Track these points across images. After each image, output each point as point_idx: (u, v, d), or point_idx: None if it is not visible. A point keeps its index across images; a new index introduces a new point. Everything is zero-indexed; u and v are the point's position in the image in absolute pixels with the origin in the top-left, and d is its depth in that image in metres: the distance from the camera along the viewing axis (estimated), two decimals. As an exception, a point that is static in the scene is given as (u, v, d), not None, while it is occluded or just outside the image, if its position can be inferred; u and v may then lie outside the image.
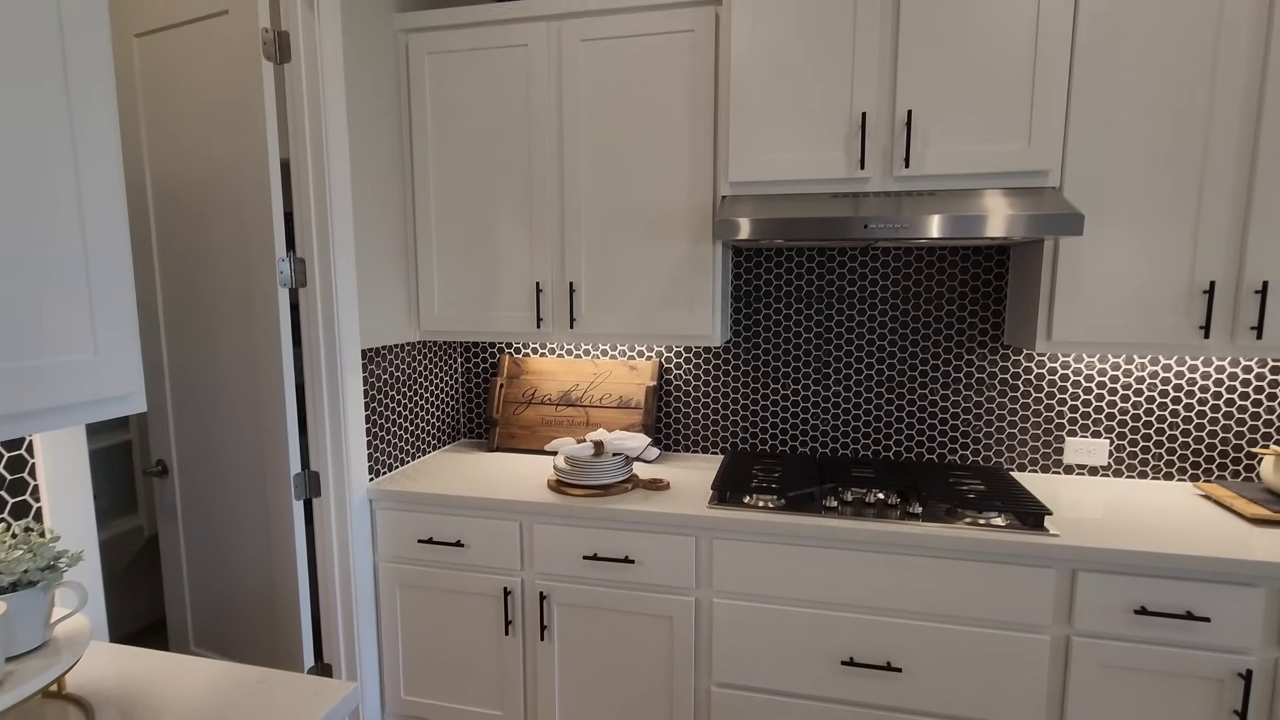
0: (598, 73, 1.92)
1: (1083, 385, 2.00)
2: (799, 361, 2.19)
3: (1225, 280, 1.62)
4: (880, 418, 2.15)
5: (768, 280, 2.18)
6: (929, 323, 2.08)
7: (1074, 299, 1.70)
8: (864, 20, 1.67)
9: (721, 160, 1.83)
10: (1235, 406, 1.92)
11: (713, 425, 2.29)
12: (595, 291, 2.01)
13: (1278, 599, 1.45)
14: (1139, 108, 1.61)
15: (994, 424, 2.08)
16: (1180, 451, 1.96)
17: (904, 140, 1.67)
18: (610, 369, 2.32)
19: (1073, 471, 2.04)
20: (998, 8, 1.60)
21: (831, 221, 1.61)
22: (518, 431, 2.34)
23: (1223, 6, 1.55)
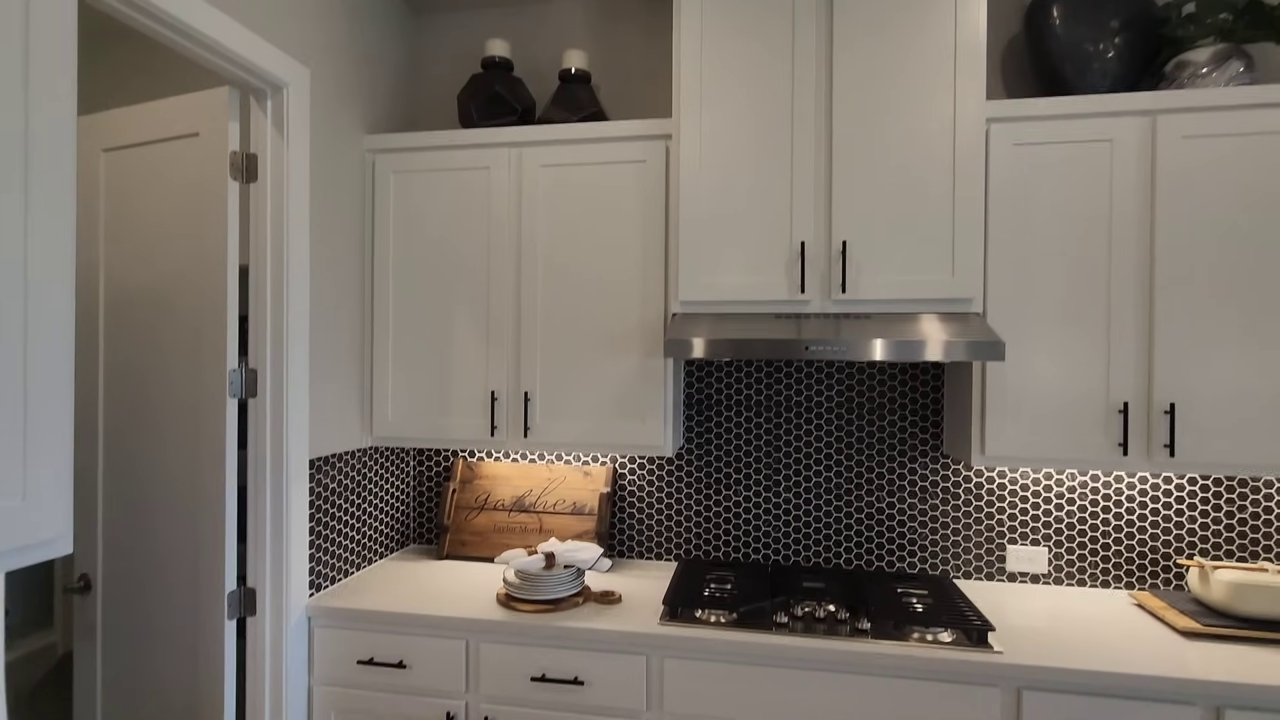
0: (556, 195, 2.03)
1: (1020, 495, 2.08)
2: (750, 469, 2.23)
3: (1136, 401, 1.74)
4: (829, 525, 2.19)
5: (719, 389, 2.25)
6: (873, 432, 2.16)
7: (1002, 416, 1.80)
8: (800, 159, 1.82)
9: (672, 279, 1.93)
10: (1161, 517, 2.01)
11: (666, 532, 2.29)
12: (550, 401, 2.04)
13: (1213, 717, 1.49)
14: (1050, 245, 1.78)
15: (938, 531, 2.13)
16: (1114, 560, 2.04)
17: (840, 268, 1.79)
18: (565, 474, 2.32)
19: (1015, 579, 2.09)
20: (918, 156, 1.77)
21: (775, 343, 1.70)
22: (469, 539, 2.30)
23: (1112, 171, 1.74)
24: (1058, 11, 1.86)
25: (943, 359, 1.63)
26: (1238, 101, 1.68)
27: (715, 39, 1.87)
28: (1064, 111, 1.76)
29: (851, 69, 1.79)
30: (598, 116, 2.12)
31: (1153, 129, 1.73)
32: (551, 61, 2.37)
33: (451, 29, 2.44)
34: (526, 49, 2.38)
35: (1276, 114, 1.68)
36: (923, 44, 1.77)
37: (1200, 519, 1.99)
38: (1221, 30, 1.75)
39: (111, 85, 2.52)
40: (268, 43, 1.69)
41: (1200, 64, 1.76)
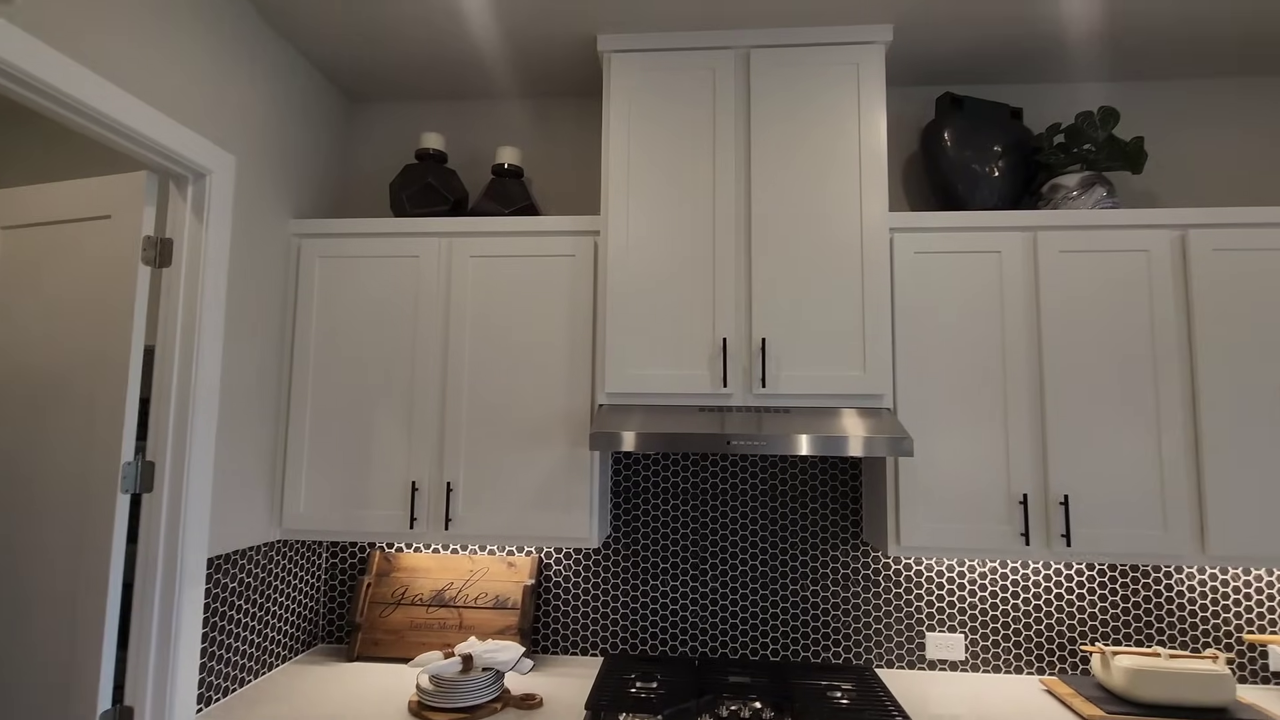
0: (485, 286, 2.05)
1: (937, 581, 2.15)
2: (677, 559, 2.22)
3: (1035, 492, 1.85)
4: (756, 615, 2.18)
5: (646, 479, 2.25)
6: (797, 520, 2.20)
7: (914, 506, 1.87)
8: (722, 259, 1.91)
9: (599, 371, 1.95)
10: (1065, 602, 2.11)
11: (592, 625, 2.23)
12: (474, 491, 1.99)
13: (1119, 809, 1.52)
14: (952, 345, 1.91)
15: (861, 620, 2.15)
16: (1026, 645, 2.10)
17: (760, 363, 1.87)
18: (488, 565, 2.24)
19: (935, 667, 2.12)
20: (831, 259, 1.89)
21: (698, 437, 1.73)
22: (382, 637, 2.16)
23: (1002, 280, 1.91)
24: (949, 135, 2.07)
25: (856, 454, 1.70)
26: (1102, 222, 1.89)
27: (642, 142, 1.97)
28: (957, 225, 1.93)
29: (768, 179, 1.93)
30: (529, 211, 2.18)
31: (1034, 243, 1.92)
32: (486, 155, 2.44)
33: (388, 119, 2.49)
34: (461, 142, 2.45)
35: (1134, 234, 1.89)
36: (832, 158, 1.92)
37: (1101, 604, 2.10)
38: (1086, 159, 1.99)
39: (21, 160, 2.43)
40: (191, 130, 1.68)
41: (1071, 188, 1.98)
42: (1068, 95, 2.28)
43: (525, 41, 2.08)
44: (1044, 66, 2.17)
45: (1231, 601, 2.07)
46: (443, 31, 2.03)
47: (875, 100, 1.92)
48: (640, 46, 2.00)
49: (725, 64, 1.97)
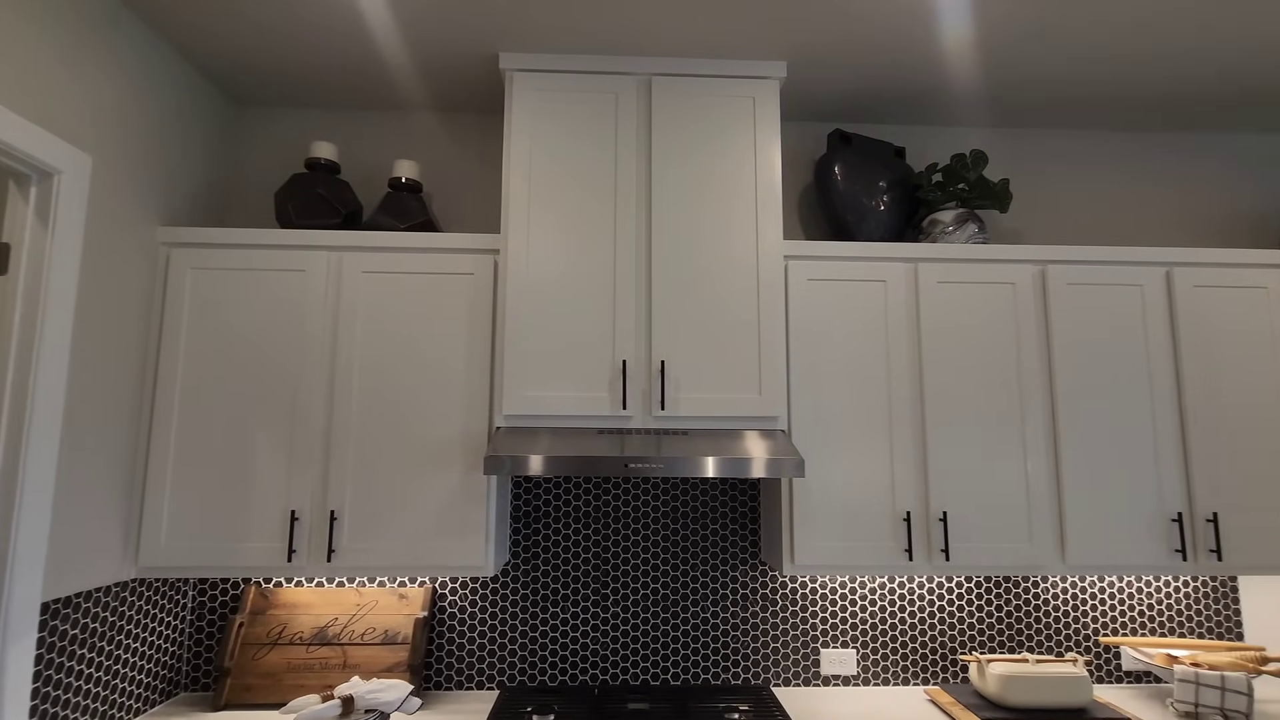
0: (378, 303, 1.96)
1: (830, 599, 2.21)
2: (577, 584, 2.18)
3: (917, 510, 1.95)
4: (656, 639, 2.17)
5: (545, 503, 2.21)
6: (697, 542, 2.21)
7: (808, 526, 1.92)
8: (623, 281, 1.92)
9: (497, 393, 1.90)
10: (946, 614, 2.22)
11: (488, 658, 2.14)
12: (361, 520, 1.88)
13: (992, 813, 1.60)
14: (841, 369, 1.99)
15: (759, 640, 2.18)
16: (912, 657, 2.19)
17: (659, 386, 1.87)
18: (376, 598, 2.12)
19: (829, 683, 2.17)
20: (728, 284, 1.93)
21: (596, 460, 1.71)
22: (255, 682, 1.99)
23: (887, 308, 2.01)
24: (839, 170, 2.18)
25: (751, 475, 1.73)
26: (974, 256, 2.04)
27: (544, 163, 1.96)
28: (847, 254, 2.03)
29: (669, 204, 1.95)
30: (427, 227, 2.11)
31: (915, 274, 2.04)
32: (382, 168, 2.35)
33: (276, 125, 2.35)
34: (356, 154, 2.35)
35: (1001, 268, 2.05)
36: (731, 186, 1.97)
37: (977, 614, 2.22)
38: (960, 197, 2.14)
39: None
40: (36, 126, 1.52)
41: (947, 223, 2.12)
42: (946, 137, 2.46)
43: (426, 54, 2.02)
44: (925, 110, 2.33)
45: (1089, 607, 2.24)
46: (338, 38, 1.95)
47: (770, 133, 2.00)
48: (542, 67, 1.99)
49: (628, 89, 2.00)
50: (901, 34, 1.90)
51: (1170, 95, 2.23)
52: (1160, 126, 2.46)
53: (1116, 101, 2.28)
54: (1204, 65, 2.06)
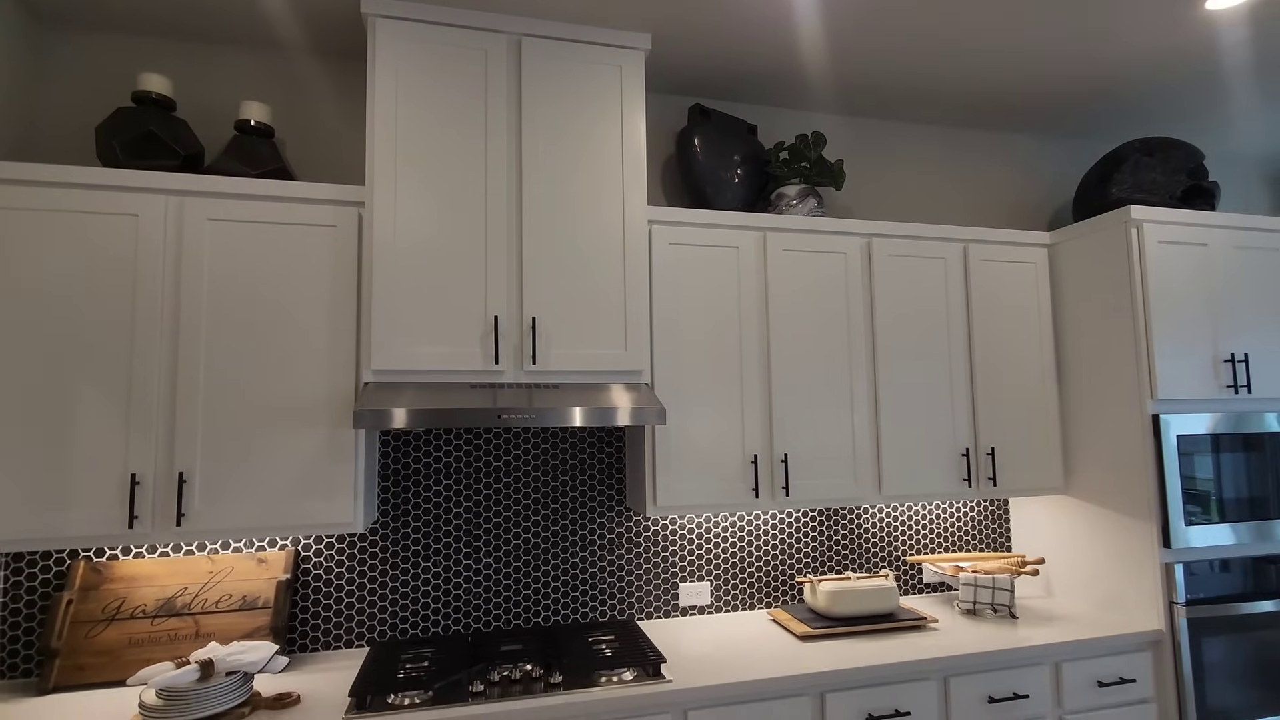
0: (227, 254, 1.84)
1: (688, 538, 2.42)
2: (449, 538, 2.22)
3: (763, 453, 2.19)
4: (528, 586, 2.27)
5: (415, 460, 2.21)
6: (565, 491, 2.33)
7: (668, 470, 2.10)
8: (494, 239, 1.95)
9: (364, 349, 1.88)
10: (786, 544, 2.52)
11: (357, 616, 2.13)
12: (214, 482, 1.79)
13: (818, 704, 1.88)
14: (698, 327, 2.17)
15: (624, 579, 2.35)
16: (757, 584, 2.47)
17: (531, 341, 1.94)
18: (232, 564, 2.03)
19: (687, 613, 2.40)
20: (595, 245, 2.03)
21: (469, 412, 1.76)
22: (90, 661, 1.85)
23: (739, 272, 2.21)
24: (699, 142, 2.34)
25: (617, 424, 1.86)
26: (813, 228, 2.29)
27: (411, 115, 1.93)
28: (704, 221, 2.20)
29: (538, 166, 2.00)
30: (282, 175, 2.00)
31: (764, 242, 2.26)
32: (224, 110, 2.17)
33: (96, 53, 2.09)
34: (193, 91, 2.16)
35: (835, 239, 2.32)
36: (598, 152, 2.06)
37: (812, 542, 2.54)
38: (802, 174, 2.38)
39: None
40: None
41: (791, 197, 2.36)
42: (794, 119, 2.70)
43: (276, -11, 1.90)
44: (777, 91, 2.54)
45: (899, 531, 2.64)
46: (170, -40, 1.78)
47: (636, 103, 2.10)
48: (409, 15, 1.94)
49: (498, 48, 2.01)
50: (756, 15, 2.07)
51: (971, 95, 2.61)
52: (964, 124, 2.86)
53: (930, 98, 2.62)
54: (1003, 70, 2.43)
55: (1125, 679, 2.13)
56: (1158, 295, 2.26)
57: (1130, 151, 2.54)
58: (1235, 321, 2.34)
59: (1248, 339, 2.34)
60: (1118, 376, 2.31)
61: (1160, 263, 2.28)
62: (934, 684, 1.98)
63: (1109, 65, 2.39)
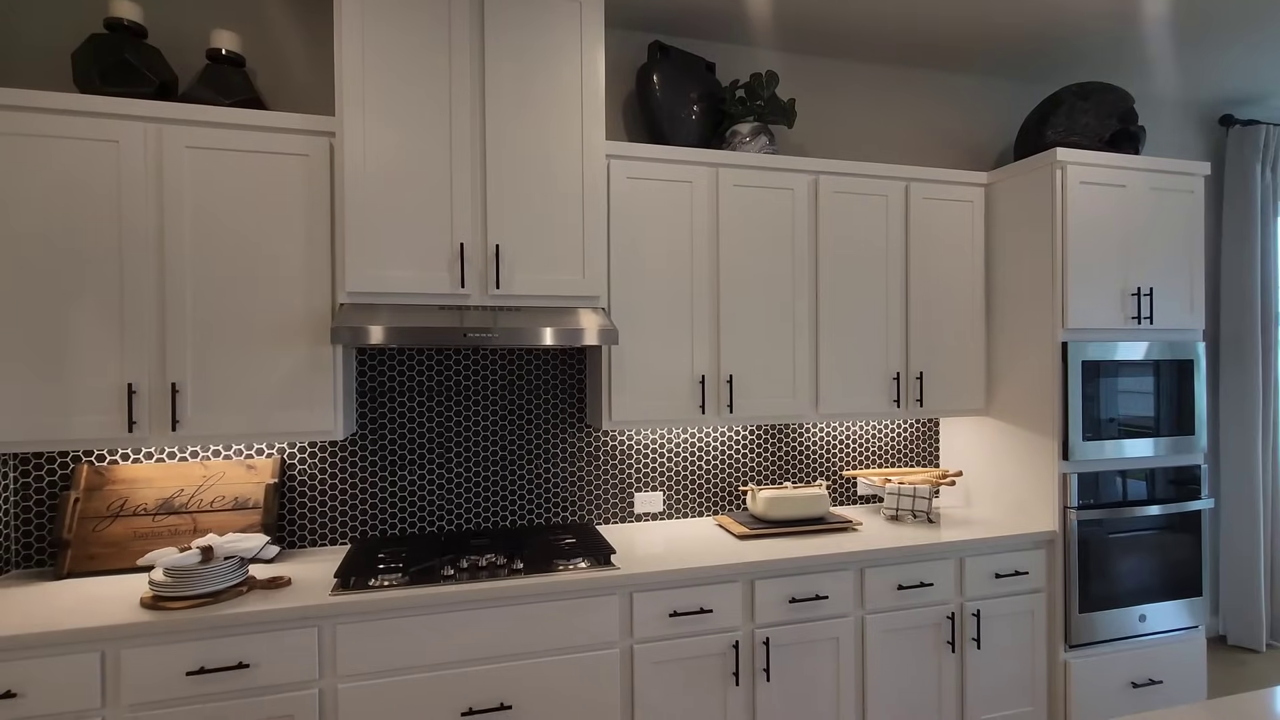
0: (206, 180, 1.96)
1: (643, 452, 2.66)
2: (422, 449, 2.43)
3: (710, 374, 2.40)
4: (496, 492, 2.51)
5: (391, 377, 2.40)
6: (530, 408, 2.54)
7: (623, 389, 2.31)
8: (459, 169, 2.08)
9: (339, 271, 2.03)
10: (732, 457, 2.77)
11: (340, 517, 2.36)
12: (205, 393, 1.97)
13: (748, 588, 2.16)
14: (654, 256, 2.33)
15: (584, 487, 2.60)
16: (705, 493, 2.74)
17: (494, 267, 2.10)
18: (224, 470, 2.23)
19: (641, 519, 2.66)
20: (556, 176, 2.17)
21: (438, 331, 1.94)
22: (100, 551, 2.06)
23: (692, 205, 2.36)
24: (657, 79, 2.45)
25: (574, 342, 2.05)
26: (764, 164, 2.44)
27: (378, 47, 2.01)
28: (660, 157, 2.33)
29: (501, 98, 2.11)
30: (254, 104, 2.09)
31: (717, 177, 2.40)
32: (191, 39, 2.23)
33: (60, -25, 2.13)
34: (160, 18, 2.21)
35: (785, 176, 2.47)
36: (559, 86, 2.17)
37: (755, 456, 2.80)
38: (756, 112, 2.50)
39: None
40: None
41: (745, 134, 2.49)
42: (750, 57, 2.80)
43: (241, -83, 1.94)
44: (734, 29, 2.63)
45: (838, 448, 2.90)
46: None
47: (595, 38, 2.19)
48: (373, -52, 2.00)
49: (460, -19, 2.08)
50: (709, -42, 2.15)
51: (920, 36, 2.72)
52: (914, 65, 2.97)
53: (881, 39, 2.73)
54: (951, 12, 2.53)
55: (1020, 571, 2.45)
56: (1075, 232, 2.46)
57: (1066, 95, 2.69)
58: (1143, 258, 2.56)
59: (1153, 274, 2.57)
60: (1036, 308, 2.54)
61: (1080, 202, 2.47)
62: (851, 573, 2.26)
63: (1052, 9, 2.50)
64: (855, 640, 2.27)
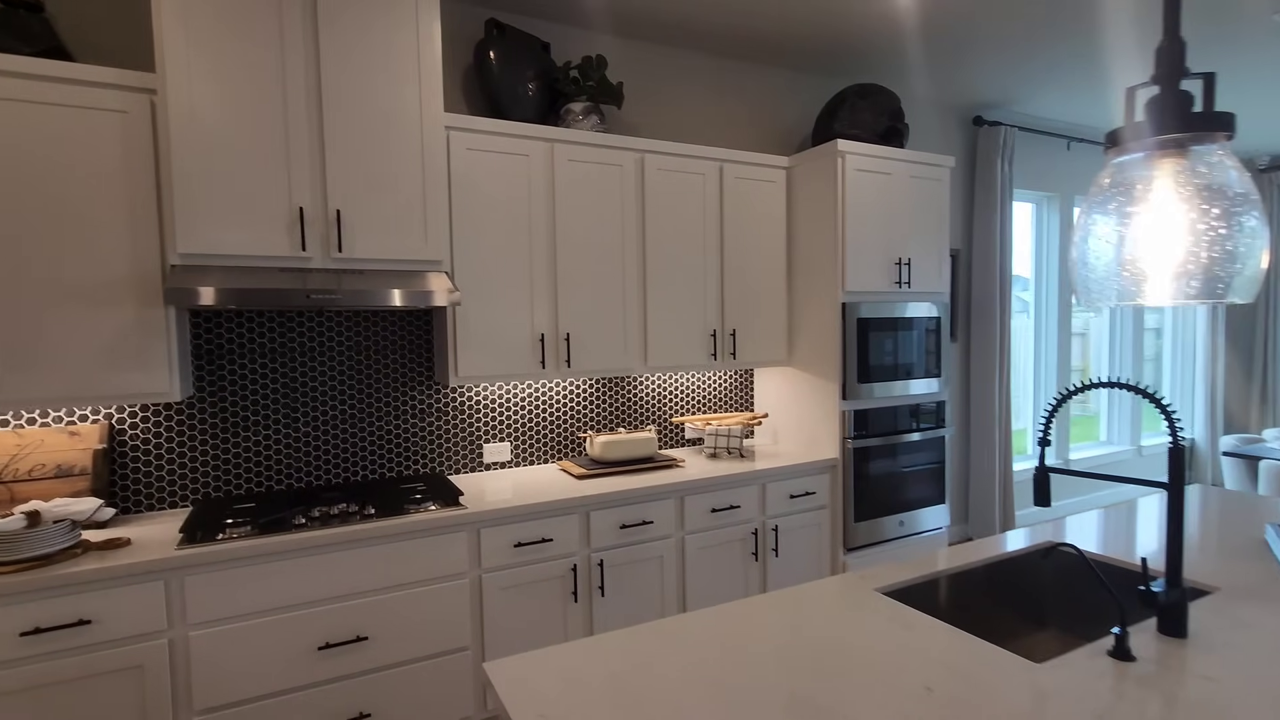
0: (8, 134, 1.86)
1: (491, 406, 2.87)
2: (268, 409, 2.47)
3: (550, 332, 2.65)
4: (346, 450, 2.61)
5: (231, 339, 2.41)
6: (381, 368, 2.65)
7: (468, 348, 2.50)
8: (295, 134, 2.13)
9: (169, 233, 2.02)
10: (575, 409, 3.06)
11: (181, 480, 2.36)
12: (16, 355, 1.90)
13: (585, 519, 2.47)
14: (495, 224, 2.52)
15: (434, 442, 2.77)
16: (550, 442, 3.01)
17: (336, 231, 2.19)
18: (42, 438, 2.15)
19: (490, 468, 2.88)
20: (396, 145, 2.27)
21: (280, 292, 2.01)
22: (-105, 528, 1.93)
23: (530, 178, 2.57)
24: (494, 55, 2.60)
25: (416, 304, 2.21)
26: (595, 142, 2.69)
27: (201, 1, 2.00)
28: (499, 130, 2.51)
29: (338, 65, 2.17)
30: (60, 55, 2.00)
31: (552, 152, 2.62)
32: (-17, -26, 2.06)
33: None
34: (-61, -52, 2.01)
35: (614, 153, 2.74)
36: (395, 55, 2.26)
37: (594, 406, 3.11)
38: (588, 92, 2.74)
39: None
40: None
41: (578, 112, 2.72)
42: (586, 39, 3.01)
43: None
44: (568, 10, 2.83)
45: (667, 396, 3.29)
46: None
47: (431, 11, 2.30)
48: (193, -98, 1.97)
49: (290, -55, 2.10)
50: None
51: (739, 30, 3.08)
52: (734, 56, 3.35)
53: (705, 30, 3.06)
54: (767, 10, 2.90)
55: (810, 492, 2.97)
56: (852, 211, 2.97)
57: (850, 94, 3.18)
58: (904, 234, 3.14)
59: (911, 247, 3.16)
60: (824, 274, 3.04)
61: (856, 186, 2.98)
62: (673, 501, 2.65)
63: (851, 18, 2.95)
64: (677, 556, 2.67)
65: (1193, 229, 0.62)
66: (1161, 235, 0.64)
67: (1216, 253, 0.61)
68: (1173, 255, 0.63)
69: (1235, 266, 0.60)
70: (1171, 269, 0.63)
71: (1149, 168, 0.67)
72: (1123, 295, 0.71)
